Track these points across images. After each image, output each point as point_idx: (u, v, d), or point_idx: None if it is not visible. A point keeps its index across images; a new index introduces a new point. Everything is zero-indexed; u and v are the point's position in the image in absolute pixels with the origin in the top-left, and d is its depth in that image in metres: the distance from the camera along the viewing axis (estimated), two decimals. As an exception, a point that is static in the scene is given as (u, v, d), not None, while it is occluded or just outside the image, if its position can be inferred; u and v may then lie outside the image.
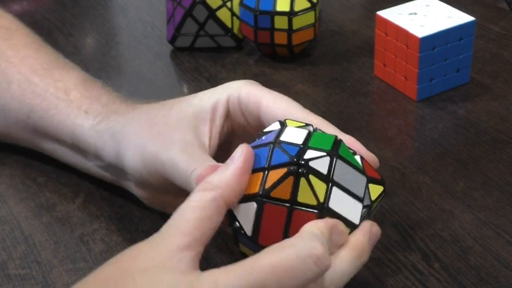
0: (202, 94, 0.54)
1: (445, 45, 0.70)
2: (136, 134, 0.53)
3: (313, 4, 0.77)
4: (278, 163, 0.44)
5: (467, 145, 0.66)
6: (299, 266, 0.40)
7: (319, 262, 0.40)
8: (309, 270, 0.40)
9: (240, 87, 0.52)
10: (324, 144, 0.45)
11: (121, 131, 0.54)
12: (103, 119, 0.56)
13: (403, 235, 0.56)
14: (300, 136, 0.45)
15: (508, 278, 0.52)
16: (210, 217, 0.41)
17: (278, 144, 0.45)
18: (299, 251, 0.40)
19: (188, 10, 0.79)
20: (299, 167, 0.43)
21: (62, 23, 0.88)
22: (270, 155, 0.44)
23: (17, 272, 0.54)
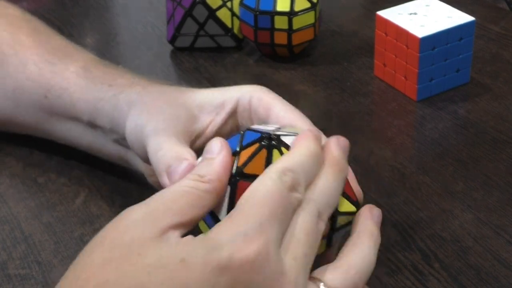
0: (215, 90, 0.55)
1: (445, 45, 0.70)
2: (144, 106, 0.54)
3: (313, 4, 0.77)
4: (250, 141, 0.43)
5: (467, 145, 0.66)
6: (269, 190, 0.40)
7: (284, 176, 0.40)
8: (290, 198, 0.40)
9: (253, 91, 0.53)
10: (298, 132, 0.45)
11: (135, 101, 0.55)
12: (125, 89, 0.56)
13: (403, 235, 0.56)
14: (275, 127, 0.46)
15: (508, 278, 0.52)
16: (202, 206, 0.42)
17: (249, 128, 0.45)
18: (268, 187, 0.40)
19: (188, 10, 0.79)
20: (271, 140, 0.43)
21: (62, 23, 0.88)
22: (241, 139, 0.44)
23: (17, 272, 0.54)
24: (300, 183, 0.41)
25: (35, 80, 0.60)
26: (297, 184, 0.41)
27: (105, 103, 0.57)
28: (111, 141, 0.58)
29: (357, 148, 0.66)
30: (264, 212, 0.39)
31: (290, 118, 0.51)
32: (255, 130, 0.45)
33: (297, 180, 0.41)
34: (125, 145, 0.56)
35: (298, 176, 0.41)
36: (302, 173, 0.41)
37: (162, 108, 0.53)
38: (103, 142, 0.59)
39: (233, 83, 0.76)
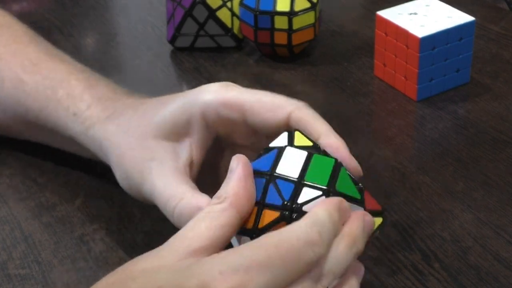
0: (174, 105, 0.51)
1: (445, 45, 0.70)
2: (118, 157, 0.52)
3: (313, 4, 0.77)
4: (272, 204, 0.43)
5: (467, 145, 0.66)
6: (299, 247, 0.39)
7: (315, 247, 0.40)
8: (307, 254, 0.39)
9: (215, 97, 0.49)
10: (321, 175, 0.44)
11: (106, 146, 0.53)
12: (90, 126, 0.55)
13: (403, 235, 0.56)
14: (297, 165, 0.44)
15: (508, 278, 0.52)
16: (221, 226, 0.41)
17: (273, 180, 0.44)
18: (299, 235, 0.40)
19: (188, 10, 0.79)
20: (291, 212, 0.43)
21: (62, 23, 0.88)
22: (265, 191, 0.44)
23: (17, 272, 0.54)
24: (325, 238, 0.41)
25: (13, 98, 0.60)
26: (321, 239, 0.40)
27: (76, 134, 0.56)
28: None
29: (357, 148, 0.65)
30: (258, 257, 0.39)
31: (267, 105, 0.48)
32: (280, 182, 0.44)
33: (323, 233, 0.40)
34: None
35: (323, 233, 0.40)
36: (327, 232, 0.41)
37: (143, 159, 0.50)
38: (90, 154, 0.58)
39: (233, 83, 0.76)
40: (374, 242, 0.55)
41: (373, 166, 0.64)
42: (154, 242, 0.55)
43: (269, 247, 0.39)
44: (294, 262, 0.39)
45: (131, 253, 0.55)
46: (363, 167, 0.63)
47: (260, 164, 0.45)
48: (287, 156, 0.45)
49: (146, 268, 0.40)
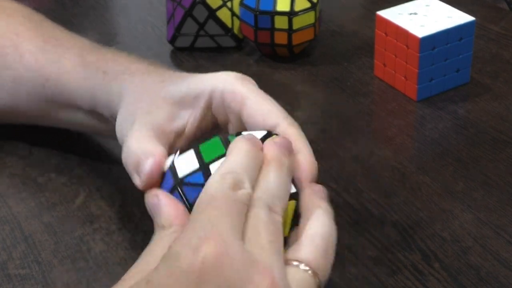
0: (191, 80, 0.53)
1: (445, 45, 0.70)
2: (127, 103, 0.54)
3: (313, 4, 0.77)
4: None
5: (467, 145, 0.66)
6: (230, 194, 0.42)
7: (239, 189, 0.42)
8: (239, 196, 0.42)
9: (226, 82, 0.52)
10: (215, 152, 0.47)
11: (123, 95, 0.55)
12: (117, 77, 0.56)
13: (403, 235, 0.56)
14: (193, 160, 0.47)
15: (508, 278, 0.52)
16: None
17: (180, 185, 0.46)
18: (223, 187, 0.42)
19: (188, 10, 0.79)
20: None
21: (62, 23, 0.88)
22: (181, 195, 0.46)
23: (17, 272, 0.54)
24: (243, 180, 0.43)
25: (33, 70, 0.60)
26: (240, 182, 0.42)
27: (101, 91, 0.57)
28: (112, 127, 0.58)
29: (357, 148, 0.66)
30: (210, 212, 0.41)
31: (263, 111, 0.50)
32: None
33: (239, 178, 0.42)
34: None
35: (238, 175, 0.43)
36: (242, 171, 0.43)
37: (143, 106, 0.52)
38: (108, 126, 0.58)
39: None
40: (374, 242, 0.55)
41: (373, 166, 0.64)
42: (154, 242, 0.55)
43: (209, 201, 0.41)
44: (234, 205, 0.41)
45: (131, 253, 0.55)
46: (363, 167, 0.63)
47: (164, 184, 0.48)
48: (179, 160, 0.47)
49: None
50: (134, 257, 0.54)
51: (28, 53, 0.61)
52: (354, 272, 0.53)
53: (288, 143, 0.47)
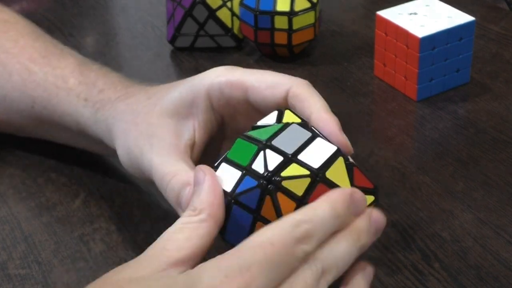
0: (182, 87, 0.52)
1: (445, 45, 0.70)
2: (123, 133, 0.53)
3: (313, 4, 0.77)
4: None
5: (467, 145, 0.66)
6: (292, 244, 0.39)
7: (303, 245, 0.40)
8: (298, 250, 0.40)
9: (218, 77, 0.50)
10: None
11: (113, 124, 0.54)
12: (100, 108, 0.56)
13: (403, 235, 0.56)
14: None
15: (508, 278, 0.52)
16: (201, 237, 0.42)
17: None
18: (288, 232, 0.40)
19: (188, 10, 0.79)
20: (269, 183, 0.42)
21: (62, 23, 0.88)
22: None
23: (17, 272, 0.54)
24: (313, 237, 0.40)
25: (20, 91, 0.60)
26: (309, 237, 0.40)
27: (85, 119, 0.57)
28: (104, 147, 0.58)
29: (357, 148, 0.65)
30: (257, 256, 0.39)
31: (268, 83, 0.49)
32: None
33: (311, 233, 0.40)
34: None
35: (313, 230, 0.40)
36: (319, 228, 0.40)
37: (143, 132, 0.51)
38: (100, 146, 0.58)
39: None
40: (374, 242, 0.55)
41: (373, 166, 0.64)
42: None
43: (264, 245, 0.39)
44: (289, 258, 0.39)
45: (131, 253, 0.55)
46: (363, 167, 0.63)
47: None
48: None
49: (132, 277, 0.40)
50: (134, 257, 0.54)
51: (16, 72, 0.61)
52: (354, 272, 0.53)
53: (382, 224, 0.44)
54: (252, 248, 0.39)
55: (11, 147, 0.65)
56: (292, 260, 0.39)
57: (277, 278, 0.39)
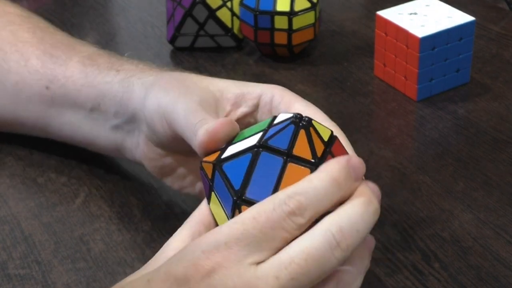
0: (231, 82, 0.53)
1: (445, 45, 0.70)
2: (165, 88, 0.53)
3: (313, 4, 0.77)
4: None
5: (467, 145, 0.66)
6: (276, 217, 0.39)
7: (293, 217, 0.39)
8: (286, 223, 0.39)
9: (275, 88, 0.52)
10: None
11: (152, 82, 0.54)
12: (136, 73, 0.56)
13: (403, 235, 0.56)
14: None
15: (508, 278, 0.52)
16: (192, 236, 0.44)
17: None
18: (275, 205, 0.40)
19: (188, 10, 0.79)
20: (300, 120, 0.43)
21: (62, 23, 0.88)
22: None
23: (17, 272, 0.54)
24: (308, 208, 0.40)
25: (37, 72, 0.61)
26: (303, 209, 0.40)
27: (113, 86, 0.57)
28: (110, 128, 0.57)
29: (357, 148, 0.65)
30: (236, 231, 0.39)
31: (311, 115, 0.49)
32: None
33: (303, 207, 0.40)
34: (127, 130, 0.56)
35: (305, 204, 0.40)
36: (315, 199, 0.40)
37: (187, 90, 0.51)
38: (100, 131, 0.58)
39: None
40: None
41: (373, 166, 0.64)
42: (154, 242, 0.56)
43: (246, 220, 0.40)
44: (274, 231, 0.39)
45: (131, 253, 0.55)
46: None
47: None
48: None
49: (133, 279, 0.42)
50: (134, 257, 0.54)
51: (35, 57, 0.61)
52: (354, 272, 0.53)
53: (378, 192, 0.44)
54: (233, 223, 0.40)
55: (11, 147, 0.65)
56: (279, 233, 0.39)
57: (262, 251, 0.39)
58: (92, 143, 0.60)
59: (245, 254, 0.39)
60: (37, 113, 0.61)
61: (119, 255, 0.55)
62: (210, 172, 0.44)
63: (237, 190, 0.42)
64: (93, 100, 0.58)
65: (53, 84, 0.60)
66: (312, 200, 0.40)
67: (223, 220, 0.43)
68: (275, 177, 0.42)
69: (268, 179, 0.42)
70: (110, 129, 0.58)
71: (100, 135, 0.59)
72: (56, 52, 0.61)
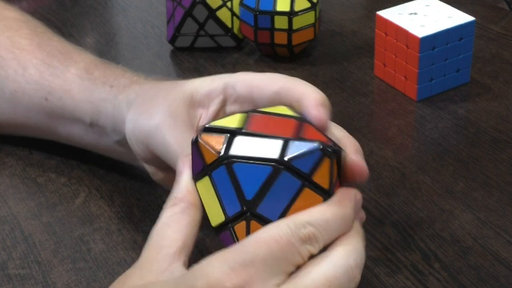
0: (201, 80, 0.53)
1: (445, 45, 0.70)
2: (141, 105, 0.53)
3: (313, 4, 0.77)
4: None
5: (467, 145, 0.66)
6: (296, 243, 0.40)
7: (308, 246, 0.40)
8: (303, 249, 0.40)
9: (238, 76, 0.52)
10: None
11: (133, 101, 0.55)
12: (125, 90, 0.56)
13: (403, 235, 0.56)
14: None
15: (508, 278, 0.52)
16: (187, 225, 0.42)
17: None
18: (296, 232, 0.40)
19: (188, 10, 0.79)
20: (330, 150, 0.42)
21: (62, 23, 0.88)
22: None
23: (17, 272, 0.54)
24: (318, 241, 0.41)
25: (35, 83, 0.60)
26: (314, 241, 0.40)
27: (107, 104, 0.57)
28: (113, 142, 0.58)
29: (357, 148, 0.65)
30: (262, 251, 0.39)
31: (272, 85, 0.50)
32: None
33: (316, 236, 0.40)
34: (127, 147, 0.56)
35: (318, 234, 0.41)
36: (324, 232, 0.41)
37: (161, 107, 0.52)
38: (106, 143, 0.59)
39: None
40: (374, 242, 0.55)
41: (373, 166, 0.63)
42: (154, 242, 0.55)
43: (268, 241, 0.39)
44: (294, 256, 0.40)
45: (131, 253, 0.55)
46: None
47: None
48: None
49: (139, 285, 0.41)
50: (134, 257, 0.54)
51: (32, 66, 0.61)
52: (354, 272, 0.53)
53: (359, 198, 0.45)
54: (257, 243, 0.39)
55: (11, 147, 0.65)
56: (297, 258, 0.40)
57: (281, 274, 0.39)
58: (101, 151, 0.61)
59: (268, 275, 0.39)
60: (38, 121, 0.62)
61: (119, 255, 0.55)
62: (210, 158, 0.42)
63: (248, 200, 0.41)
64: (91, 115, 0.58)
65: (52, 96, 0.60)
66: (324, 231, 0.41)
67: (214, 208, 0.43)
68: (288, 198, 0.42)
69: (282, 199, 0.42)
70: (113, 143, 0.58)
71: (106, 146, 0.59)
72: (53, 61, 0.61)
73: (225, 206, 0.42)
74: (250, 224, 0.42)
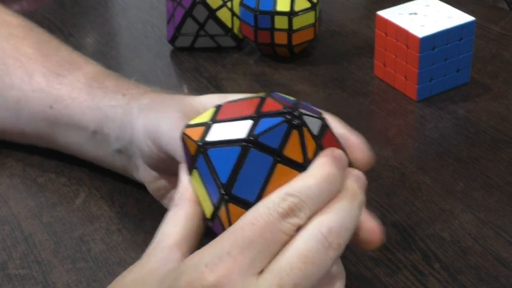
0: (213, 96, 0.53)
1: (445, 45, 0.70)
2: (154, 107, 0.54)
3: (313, 4, 0.77)
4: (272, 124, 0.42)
5: (467, 145, 0.66)
6: (274, 220, 0.39)
7: (289, 219, 0.39)
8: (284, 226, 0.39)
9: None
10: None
11: (146, 104, 0.55)
12: (137, 97, 0.56)
13: (403, 235, 0.56)
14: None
15: (508, 278, 0.52)
16: (181, 219, 0.43)
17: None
18: (270, 208, 0.40)
19: (188, 10, 0.79)
20: (293, 118, 0.41)
21: (62, 23, 0.88)
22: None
23: (17, 272, 0.54)
24: (301, 209, 0.40)
25: (41, 91, 0.60)
26: (297, 210, 0.40)
27: (117, 110, 0.57)
28: (114, 151, 0.58)
29: (357, 148, 0.65)
30: (236, 239, 0.39)
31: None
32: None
33: (298, 206, 0.40)
34: (128, 154, 0.56)
35: (300, 202, 0.40)
36: (307, 199, 0.40)
37: (172, 108, 0.52)
38: (105, 153, 0.58)
39: (233, 83, 0.76)
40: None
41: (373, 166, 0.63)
42: (154, 242, 0.55)
43: (245, 226, 0.39)
44: (274, 234, 0.39)
45: (131, 253, 0.55)
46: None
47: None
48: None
49: (135, 278, 0.42)
50: (134, 257, 0.54)
51: (40, 74, 0.61)
52: (354, 272, 0.53)
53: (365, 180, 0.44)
54: (233, 232, 0.39)
55: (11, 147, 0.65)
56: (279, 236, 0.39)
57: (263, 258, 0.39)
58: (98, 162, 0.61)
59: (248, 263, 0.38)
60: (40, 129, 0.61)
61: (119, 255, 0.55)
62: (193, 150, 0.43)
63: (224, 183, 0.41)
64: (97, 123, 0.58)
65: (58, 104, 0.59)
66: (307, 199, 0.40)
67: (205, 200, 0.43)
68: (263, 176, 0.41)
69: (256, 177, 0.41)
70: (114, 152, 0.58)
71: (106, 156, 0.59)
72: (62, 71, 0.61)
73: (210, 195, 0.43)
74: (228, 208, 0.41)
